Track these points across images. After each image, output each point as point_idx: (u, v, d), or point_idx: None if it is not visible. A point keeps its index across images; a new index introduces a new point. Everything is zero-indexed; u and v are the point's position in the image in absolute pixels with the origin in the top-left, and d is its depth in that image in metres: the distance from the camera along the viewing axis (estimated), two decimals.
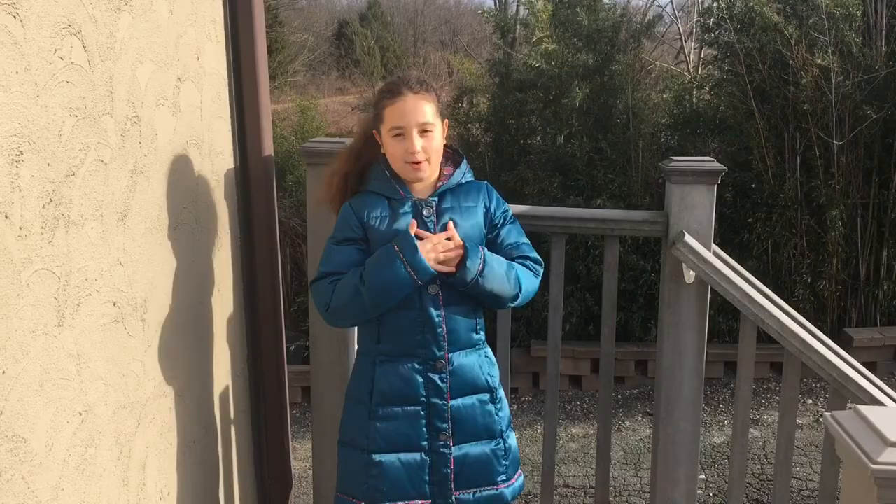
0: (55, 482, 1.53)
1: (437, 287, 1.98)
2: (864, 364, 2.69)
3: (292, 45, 12.69)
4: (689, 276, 2.37)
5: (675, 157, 2.45)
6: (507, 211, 2.14)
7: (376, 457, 1.99)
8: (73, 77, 1.58)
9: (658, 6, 10.65)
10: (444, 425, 2.00)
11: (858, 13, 5.86)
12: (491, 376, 2.08)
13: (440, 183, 2.06)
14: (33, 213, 1.46)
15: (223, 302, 2.39)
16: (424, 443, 2.00)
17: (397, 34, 17.96)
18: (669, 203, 2.41)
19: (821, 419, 5.44)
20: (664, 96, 7.36)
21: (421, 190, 2.05)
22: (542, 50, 6.65)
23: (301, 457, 4.93)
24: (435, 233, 1.99)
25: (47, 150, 1.50)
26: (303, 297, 6.15)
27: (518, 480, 2.12)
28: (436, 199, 2.03)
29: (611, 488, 4.26)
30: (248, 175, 2.46)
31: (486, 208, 2.08)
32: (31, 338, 1.45)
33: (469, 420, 2.02)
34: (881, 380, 2.57)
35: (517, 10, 7.85)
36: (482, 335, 2.09)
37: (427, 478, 2.00)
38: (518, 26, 8.50)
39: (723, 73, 6.66)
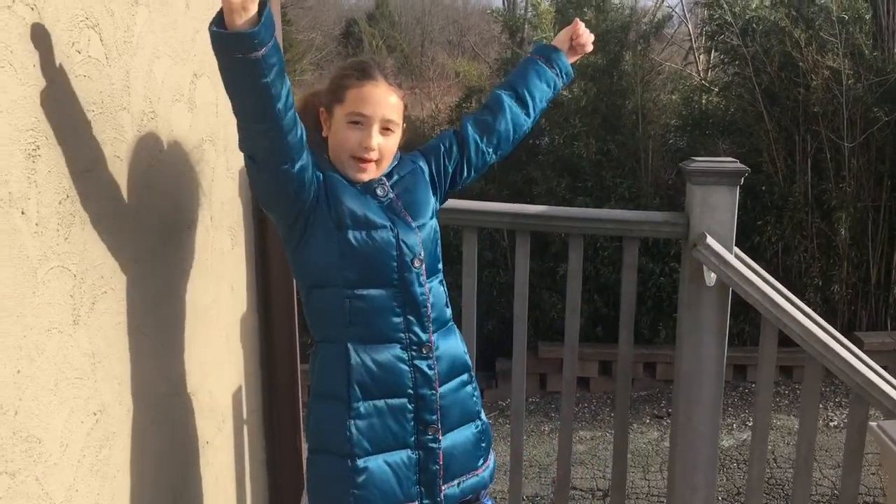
0: (69, 483, 1.50)
1: (420, 260, 1.76)
2: None
3: (300, 43, 12.68)
4: (710, 278, 2.33)
5: (696, 158, 2.42)
6: (426, 148, 1.95)
7: (361, 462, 1.73)
8: (90, 71, 1.55)
9: (668, 7, 10.62)
10: (434, 417, 1.78)
11: (868, 16, 5.83)
12: (465, 352, 1.90)
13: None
14: (49, 210, 1.43)
15: (237, 300, 2.36)
16: (412, 438, 1.78)
17: (405, 34, 17.93)
18: (690, 204, 2.38)
19: (831, 423, 5.41)
20: (673, 97, 7.34)
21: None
22: None
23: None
24: (398, 201, 1.80)
25: (64, 145, 1.47)
26: None
27: (492, 459, 1.95)
28: (384, 177, 1.82)
29: None
30: None
31: (423, 166, 1.91)
32: (47, 336, 1.42)
33: (455, 407, 1.82)
34: None
35: (525, 10, 7.82)
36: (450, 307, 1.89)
37: (415, 477, 1.78)
38: (526, 26, 8.47)
39: (730, 75, 6.64)
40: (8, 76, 1.31)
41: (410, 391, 1.76)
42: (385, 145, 1.77)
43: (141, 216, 1.76)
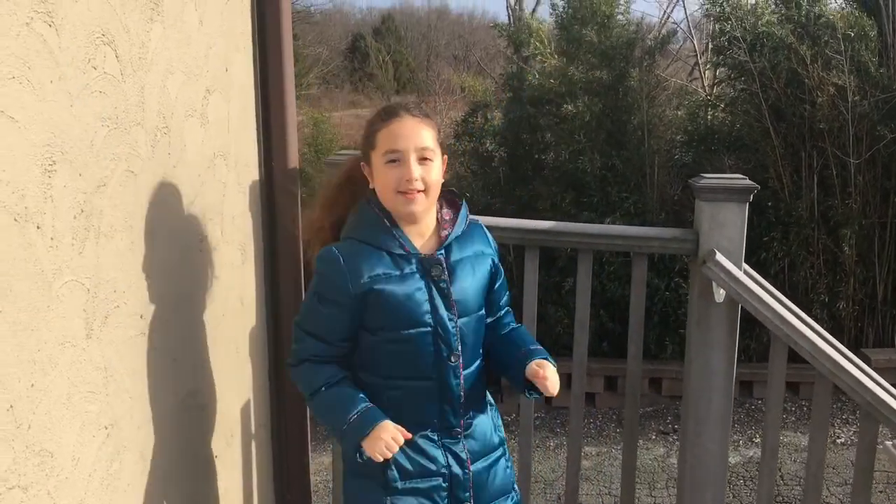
0: (80, 497, 1.50)
1: (458, 356, 1.78)
2: None
3: (306, 57, 12.74)
4: (720, 294, 2.33)
5: (705, 175, 2.42)
6: (498, 253, 1.95)
7: None
8: (105, 87, 1.56)
9: (673, 23, 10.66)
10: (467, 494, 1.83)
11: (872, 33, 5.85)
12: (499, 428, 1.94)
13: (445, 232, 1.83)
14: (64, 224, 1.44)
15: (246, 314, 2.36)
16: None
17: (411, 48, 18.02)
18: (700, 221, 2.38)
19: (838, 440, 5.38)
20: (679, 113, 7.35)
21: (424, 245, 1.81)
22: (546, 65, 6.67)
23: (314, 469, 4.89)
24: (450, 291, 1.76)
25: (79, 161, 1.48)
26: None
27: None
28: (443, 252, 1.80)
29: None
30: (274, 187, 2.44)
31: (492, 256, 1.90)
32: (60, 350, 1.43)
33: (489, 482, 1.87)
34: None
35: (525, 27, 7.86)
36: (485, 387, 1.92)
37: None
38: (532, 41, 8.51)
39: (737, 91, 6.66)
40: (26, 92, 1.32)
41: (445, 470, 1.81)
42: (427, 176, 1.76)
43: (153, 231, 1.77)
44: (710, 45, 7.91)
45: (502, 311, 1.95)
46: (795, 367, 3.19)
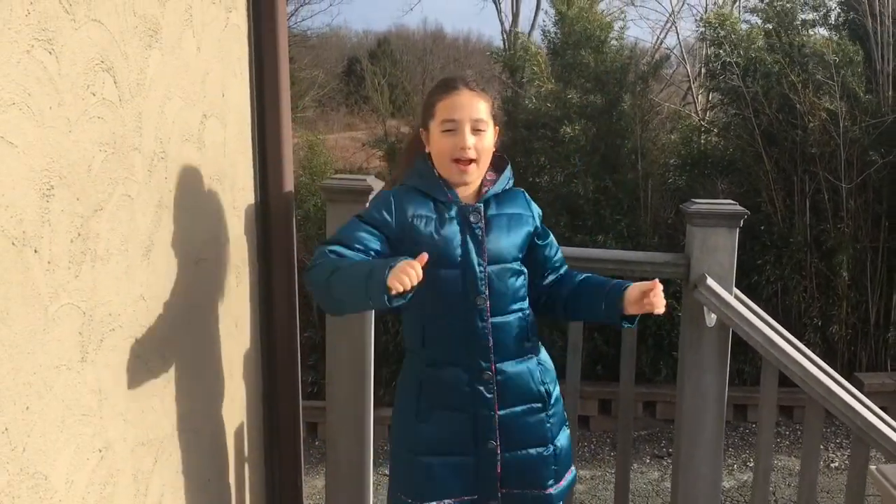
0: None
1: (484, 298, 1.89)
2: None
3: (303, 80, 12.80)
4: (711, 319, 2.35)
5: (696, 200, 2.45)
6: (541, 217, 2.07)
7: (422, 458, 1.94)
8: (104, 113, 1.59)
9: (666, 48, 10.77)
10: (491, 434, 1.93)
11: (858, 59, 5.91)
12: (544, 383, 2.00)
13: (485, 189, 1.97)
14: (61, 248, 1.45)
15: (241, 338, 2.37)
16: (471, 447, 1.94)
17: (406, 72, 18.12)
18: (691, 246, 2.40)
19: (832, 465, 5.38)
20: (672, 137, 7.41)
21: (466, 196, 1.96)
22: (543, 90, 6.72)
23: (307, 493, 4.86)
24: (483, 239, 1.89)
25: (77, 185, 1.50)
26: (310, 332, 6.12)
27: (568, 479, 2.06)
28: (482, 205, 1.94)
29: None
30: (269, 211, 2.46)
31: (532, 219, 2.02)
32: (56, 373, 1.44)
33: (518, 429, 1.95)
34: None
35: (521, 52, 7.93)
36: (534, 342, 2.01)
37: (473, 477, 1.95)
38: (526, 65, 8.58)
39: (729, 116, 6.72)
40: (25, 118, 1.34)
41: (470, 408, 1.92)
42: (480, 145, 1.90)
43: (149, 254, 1.78)
44: (704, 70, 7.99)
45: (563, 269, 2.07)
46: (789, 391, 3.20)
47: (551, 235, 2.08)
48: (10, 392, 1.31)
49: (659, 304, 1.86)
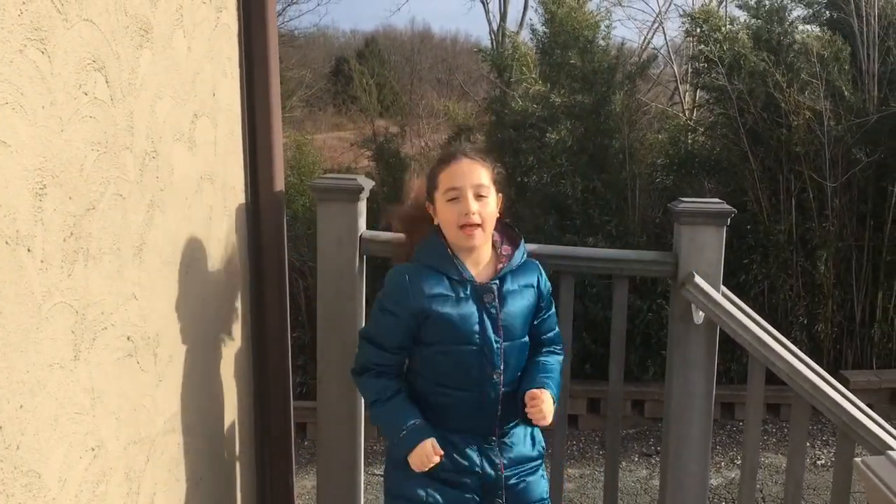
0: None
1: (499, 373, 1.96)
2: None
3: (290, 80, 12.78)
4: (699, 317, 2.37)
5: (684, 199, 2.47)
6: (549, 289, 2.13)
7: None
8: (95, 112, 1.59)
9: (653, 48, 10.81)
10: (499, 493, 2.00)
11: (845, 54, 5.96)
12: (539, 442, 2.10)
13: (500, 265, 2.03)
14: (54, 247, 1.46)
15: (233, 337, 2.38)
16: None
17: (394, 71, 18.13)
18: (679, 244, 2.42)
19: (818, 462, 5.42)
20: (660, 137, 7.44)
21: (480, 273, 2.01)
22: (531, 91, 6.74)
23: (296, 493, 4.86)
24: (498, 316, 1.96)
25: (69, 184, 1.50)
26: (298, 332, 6.12)
27: None
28: (496, 282, 1.99)
29: None
30: (260, 210, 2.46)
31: (539, 289, 2.08)
32: (49, 371, 1.44)
33: (521, 490, 2.03)
34: None
35: (511, 51, 7.93)
36: None
37: None
38: (514, 65, 8.60)
39: (715, 115, 6.75)
40: (18, 118, 1.35)
41: (478, 469, 1.99)
42: (483, 210, 1.96)
43: (141, 253, 1.79)
44: (689, 68, 8.03)
45: (541, 342, 2.12)
46: (776, 388, 3.23)
47: (552, 309, 2.15)
48: (4, 390, 1.31)
49: (536, 417, 1.95)
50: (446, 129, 9.88)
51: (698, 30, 6.48)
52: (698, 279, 2.35)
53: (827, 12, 6.62)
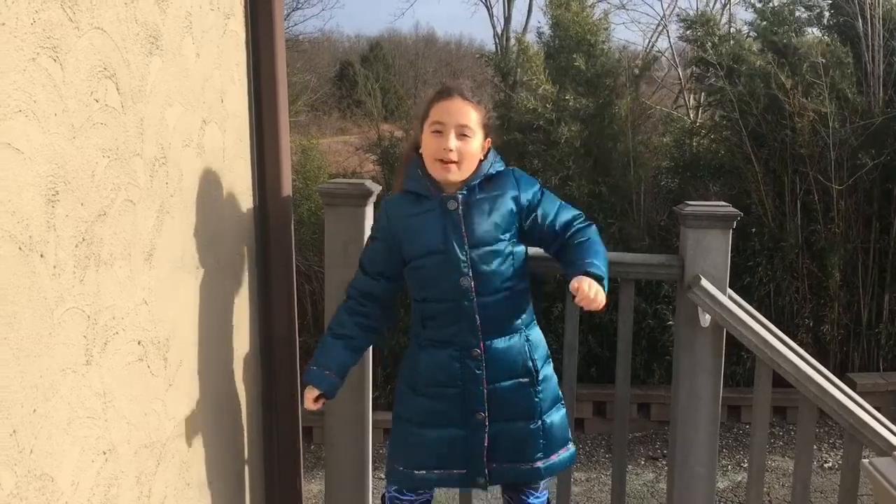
0: None
1: (469, 279, 2.02)
2: None
3: (295, 85, 12.81)
4: (705, 319, 2.38)
5: (689, 202, 2.48)
6: (536, 190, 2.14)
7: (416, 429, 2.10)
8: (106, 119, 1.61)
9: (657, 51, 10.81)
10: (480, 407, 2.06)
11: (848, 59, 5.96)
12: (533, 360, 2.11)
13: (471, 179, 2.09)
14: (66, 253, 1.47)
15: (241, 341, 2.39)
16: (461, 420, 2.08)
17: (399, 75, 18.17)
18: (685, 247, 2.43)
19: (826, 465, 5.41)
20: (664, 140, 7.44)
21: (452, 189, 2.07)
22: (539, 92, 6.74)
23: (304, 497, 4.87)
24: (461, 223, 2.02)
25: (81, 191, 1.52)
26: (304, 337, 6.13)
27: (560, 456, 2.16)
28: (464, 192, 2.05)
29: None
30: (267, 215, 2.48)
31: (516, 197, 2.10)
32: (61, 376, 1.46)
33: (506, 402, 2.08)
34: None
35: (517, 54, 7.94)
36: (525, 318, 2.12)
37: (462, 450, 2.09)
38: (518, 69, 8.61)
39: (717, 118, 6.75)
40: (31, 125, 1.36)
41: (459, 384, 2.07)
42: (463, 148, 2.03)
43: (151, 258, 1.80)
44: (689, 72, 8.02)
45: (567, 234, 2.14)
46: (783, 391, 3.23)
47: (548, 204, 2.15)
48: (18, 395, 1.32)
49: (588, 305, 1.95)
50: None
51: (694, 34, 6.50)
52: (705, 282, 2.36)
53: (827, 13, 6.62)
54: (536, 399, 2.11)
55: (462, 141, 2.02)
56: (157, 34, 1.81)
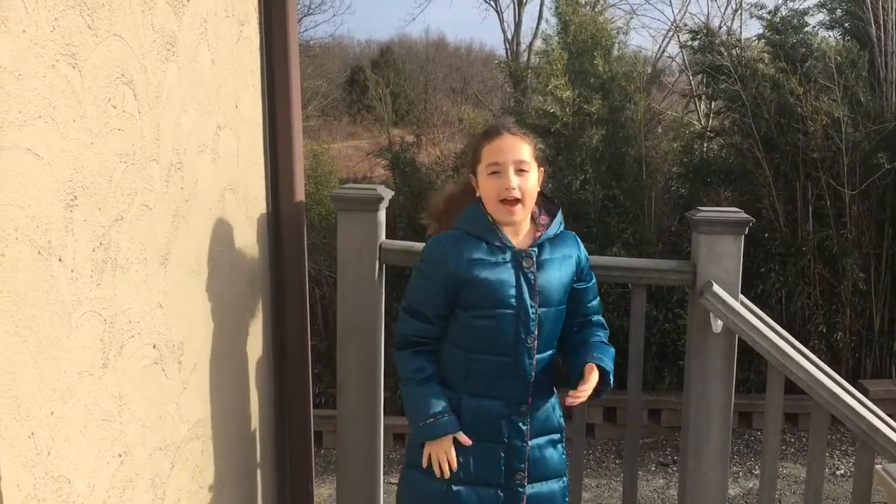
0: None
1: (534, 338, 2.00)
2: None
3: (306, 90, 12.88)
4: (717, 325, 2.38)
5: (701, 208, 2.48)
6: (588, 260, 2.17)
7: (455, 487, 2.02)
8: (124, 125, 1.63)
9: (668, 56, 10.81)
10: (522, 465, 2.03)
11: (861, 62, 5.93)
12: (560, 416, 2.13)
13: (538, 234, 2.07)
14: (84, 257, 1.49)
15: (254, 345, 2.40)
16: (501, 480, 2.04)
17: (409, 80, 18.22)
18: (697, 253, 2.43)
19: (838, 472, 5.39)
20: (675, 145, 7.43)
21: (519, 242, 2.05)
22: (557, 96, 6.75)
23: (315, 502, 4.88)
24: (535, 283, 1.99)
25: (99, 196, 1.53)
26: (314, 341, 6.14)
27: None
28: (535, 250, 2.03)
29: None
30: (280, 220, 2.49)
31: (578, 259, 2.12)
32: (78, 379, 1.47)
33: (542, 461, 2.07)
34: None
35: (528, 59, 7.96)
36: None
37: None
38: (530, 74, 8.62)
39: (723, 123, 6.74)
40: (50, 131, 1.38)
41: (505, 440, 2.03)
42: (524, 185, 2.00)
43: (166, 263, 1.82)
44: (700, 77, 8.01)
45: (593, 317, 2.17)
46: (794, 398, 3.22)
47: (594, 280, 2.19)
48: (36, 397, 1.34)
49: (580, 393, 2.00)
50: (461, 138, 9.90)
51: (697, 43, 6.51)
52: (717, 288, 2.36)
53: (838, 14, 6.60)
54: (563, 456, 2.13)
55: (521, 177, 1.99)
56: (174, 41, 1.83)
